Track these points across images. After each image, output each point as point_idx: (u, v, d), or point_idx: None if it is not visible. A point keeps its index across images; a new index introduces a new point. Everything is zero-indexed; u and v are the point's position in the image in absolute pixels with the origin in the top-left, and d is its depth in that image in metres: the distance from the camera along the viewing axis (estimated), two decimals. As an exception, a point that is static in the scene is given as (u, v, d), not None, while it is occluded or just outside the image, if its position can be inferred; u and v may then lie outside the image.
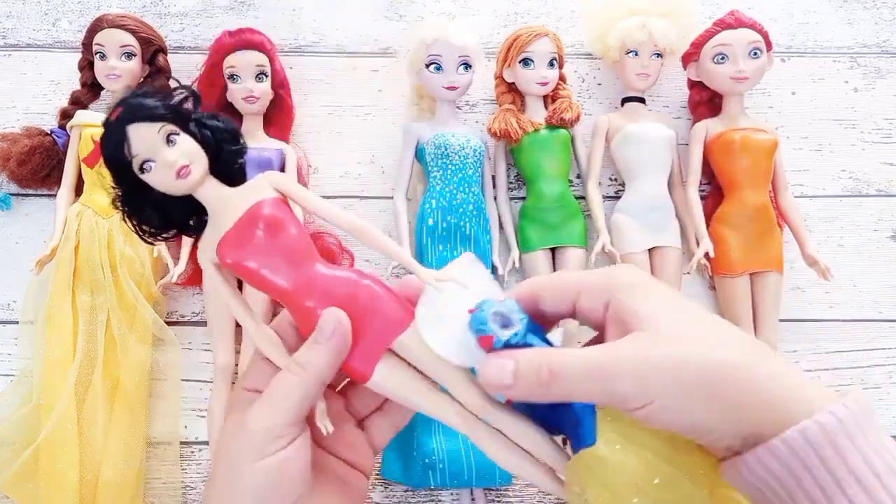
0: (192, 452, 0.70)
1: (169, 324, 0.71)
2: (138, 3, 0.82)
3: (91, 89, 0.76)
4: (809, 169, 0.81)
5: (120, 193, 0.36)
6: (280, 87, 0.75)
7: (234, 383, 0.70)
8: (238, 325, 0.71)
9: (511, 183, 0.79)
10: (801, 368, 0.75)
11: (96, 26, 0.73)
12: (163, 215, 0.37)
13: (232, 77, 0.72)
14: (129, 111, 0.34)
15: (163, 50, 0.76)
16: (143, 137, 0.34)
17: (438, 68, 0.72)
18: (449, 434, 0.68)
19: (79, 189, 0.73)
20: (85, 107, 0.75)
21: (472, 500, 0.70)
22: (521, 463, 0.35)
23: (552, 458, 0.34)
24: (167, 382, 0.70)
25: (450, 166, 0.72)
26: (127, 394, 0.67)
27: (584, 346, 0.31)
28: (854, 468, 0.25)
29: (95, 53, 0.73)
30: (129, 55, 0.73)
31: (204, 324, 0.72)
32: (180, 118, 0.35)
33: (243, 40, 0.71)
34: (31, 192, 0.76)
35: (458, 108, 0.79)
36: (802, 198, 0.79)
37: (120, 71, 0.72)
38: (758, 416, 0.26)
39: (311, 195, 0.37)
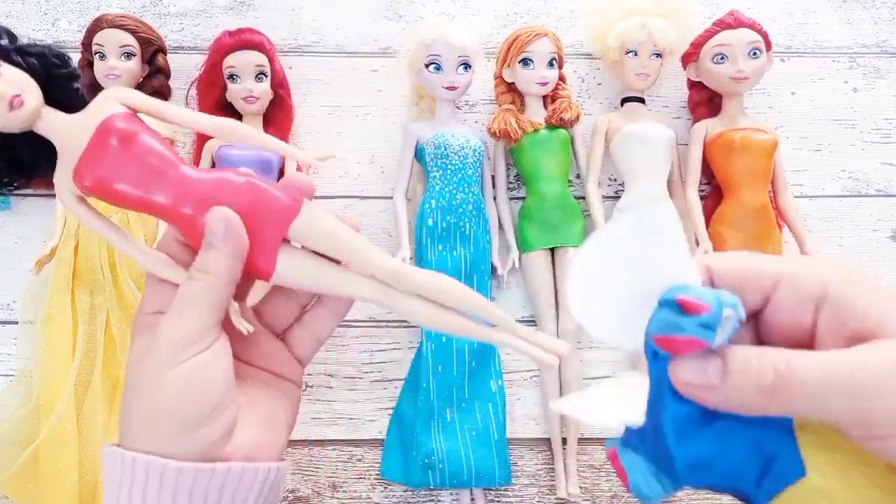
0: (192, 452, 0.70)
1: (169, 324, 0.71)
2: (138, 3, 0.82)
3: (90, 90, 0.75)
4: (809, 169, 0.81)
5: None
6: (280, 87, 0.75)
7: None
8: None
9: (511, 183, 0.79)
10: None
11: (96, 26, 0.73)
12: (7, 159, 0.34)
13: (231, 77, 0.72)
14: None
15: (162, 50, 0.76)
16: None
17: (438, 68, 0.72)
18: (449, 434, 0.68)
19: (78, 189, 0.74)
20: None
21: (472, 500, 0.70)
22: (456, 321, 0.33)
23: (484, 312, 0.33)
24: (167, 382, 0.70)
25: (449, 166, 0.72)
26: (127, 394, 0.67)
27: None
28: None
29: (95, 53, 0.73)
30: (129, 55, 0.73)
31: (204, 324, 0.72)
32: None
33: (243, 40, 0.72)
34: (31, 192, 0.76)
35: (457, 108, 0.79)
36: (802, 198, 0.79)
37: (119, 71, 0.72)
38: None
39: (165, 104, 0.35)
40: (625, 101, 0.78)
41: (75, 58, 0.75)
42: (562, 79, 0.76)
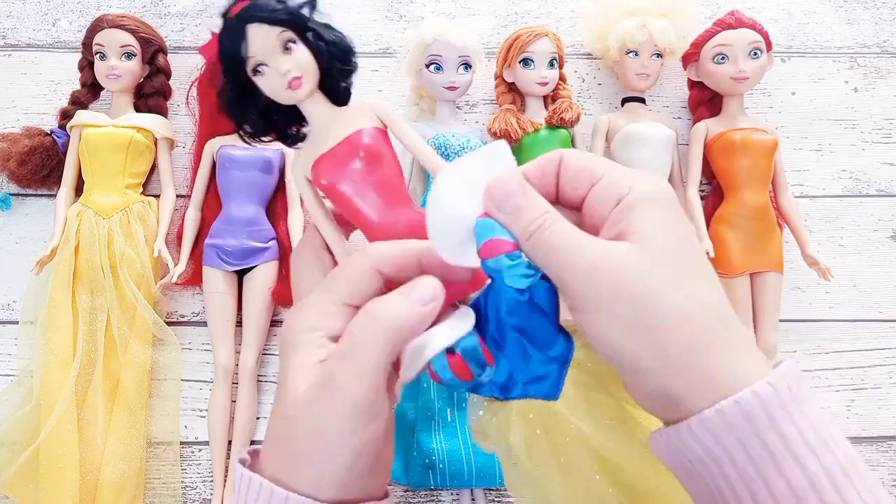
0: (192, 452, 0.70)
1: (169, 324, 0.71)
2: (138, 3, 0.82)
3: (91, 89, 0.76)
4: (809, 169, 0.81)
5: (227, 90, 0.36)
6: (280, 87, 0.75)
7: (234, 384, 0.70)
8: (238, 325, 0.71)
9: (511, 183, 0.79)
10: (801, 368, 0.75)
11: (96, 26, 0.73)
12: (265, 120, 0.37)
13: (232, 77, 0.71)
14: (251, 9, 0.34)
15: (162, 50, 0.76)
16: (262, 40, 0.34)
17: (438, 68, 0.72)
18: (449, 434, 0.68)
19: (79, 189, 0.74)
20: (85, 107, 0.75)
21: (473, 500, 0.70)
22: None
23: None
24: (167, 382, 0.70)
25: (450, 166, 0.72)
26: (127, 394, 0.67)
27: None
28: (789, 441, 0.24)
29: (95, 53, 0.73)
30: (129, 55, 0.73)
31: (204, 324, 0.72)
32: (300, 25, 0.35)
33: (243, 40, 0.71)
34: (31, 192, 0.76)
35: (458, 108, 0.79)
36: (802, 198, 0.79)
37: (120, 71, 0.72)
38: (679, 379, 0.25)
39: (410, 130, 0.37)
40: (625, 101, 0.78)
41: (74, 58, 0.76)
42: (562, 79, 0.76)
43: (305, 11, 0.36)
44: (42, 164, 0.73)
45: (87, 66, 0.75)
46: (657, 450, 0.28)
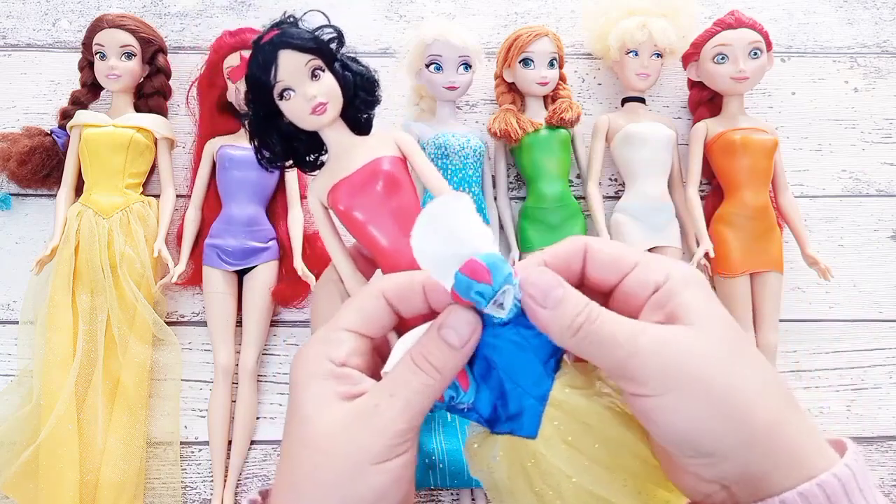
0: (192, 452, 0.70)
1: (169, 324, 0.71)
2: (138, 3, 0.82)
3: (91, 89, 0.76)
4: (809, 169, 0.81)
5: (251, 114, 0.37)
6: (280, 87, 0.75)
7: (234, 384, 0.70)
8: (238, 325, 0.71)
9: (511, 183, 0.79)
10: (801, 368, 0.75)
11: (96, 26, 0.73)
12: (286, 145, 0.38)
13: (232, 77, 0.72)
14: (283, 36, 0.36)
15: (162, 50, 0.76)
16: (291, 66, 0.35)
17: (438, 68, 0.72)
18: (449, 434, 0.68)
19: (79, 189, 0.74)
20: (85, 107, 0.75)
21: (473, 500, 0.70)
22: None
23: None
24: (167, 382, 0.70)
25: (450, 166, 0.72)
26: (127, 394, 0.67)
27: None
28: None
29: (95, 53, 0.73)
30: (129, 55, 0.73)
31: (204, 324, 0.72)
32: (328, 55, 0.37)
33: (243, 40, 0.71)
34: (31, 192, 0.76)
35: (458, 108, 0.79)
36: (802, 198, 0.79)
37: (120, 71, 0.72)
38: (764, 457, 0.25)
39: (428, 163, 0.39)
40: (625, 101, 0.78)
41: (74, 58, 0.76)
42: (562, 79, 0.76)
43: (333, 45, 0.38)
44: (42, 164, 0.73)
45: (87, 66, 0.75)
46: None
